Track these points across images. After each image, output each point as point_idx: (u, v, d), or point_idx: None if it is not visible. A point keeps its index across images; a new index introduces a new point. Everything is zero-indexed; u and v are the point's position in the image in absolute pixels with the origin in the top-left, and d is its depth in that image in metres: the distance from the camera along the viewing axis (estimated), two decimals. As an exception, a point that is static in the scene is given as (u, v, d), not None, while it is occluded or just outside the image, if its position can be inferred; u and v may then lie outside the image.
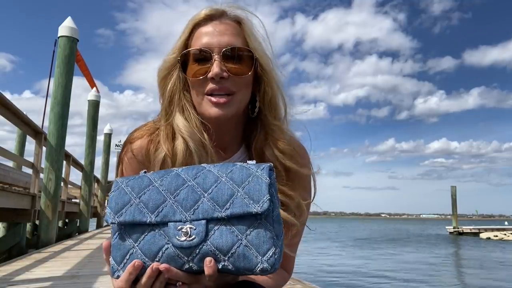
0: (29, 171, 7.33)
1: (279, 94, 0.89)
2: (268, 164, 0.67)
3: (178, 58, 0.84)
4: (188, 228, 0.62)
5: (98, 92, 11.85)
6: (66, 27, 7.29)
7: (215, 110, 0.81)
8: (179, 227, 0.62)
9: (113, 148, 16.43)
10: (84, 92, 11.92)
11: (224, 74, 0.80)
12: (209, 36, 0.83)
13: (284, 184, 0.85)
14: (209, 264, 0.61)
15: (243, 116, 0.89)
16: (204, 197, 0.64)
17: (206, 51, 0.81)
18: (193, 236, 0.61)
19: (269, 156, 0.87)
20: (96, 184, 13.87)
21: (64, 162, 7.94)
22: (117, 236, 0.66)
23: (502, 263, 12.76)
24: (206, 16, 0.85)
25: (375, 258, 13.91)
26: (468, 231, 30.11)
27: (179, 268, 0.62)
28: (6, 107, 5.44)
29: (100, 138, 15.45)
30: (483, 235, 27.58)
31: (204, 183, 0.65)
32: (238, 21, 0.87)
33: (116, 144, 17.11)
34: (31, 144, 7.08)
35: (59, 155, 6.99)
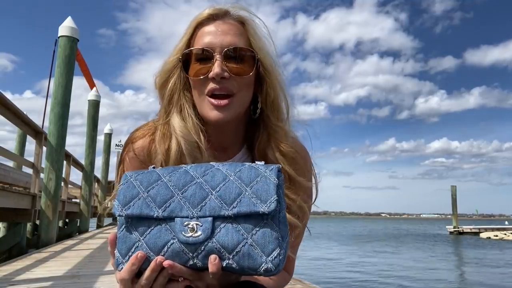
0: (29, 171, 7.33)
1: (282, 95, 0.88)
2: (277, 166, 0.67)
3: (180, 58, 0.84)
4: (194, 224, 0.62)
5: (97, 92, 11.84)
6: (66, 27, 7.29)
7: (215, 113, 0.81)
8: (185, 223, 0.63)
9: (113, 148, 16.42)
10: (84, 92, 11.94)
11: (225, 74, 0.80)
12: (211, 36, 0.82)
13: (287, 187, 0.84)
14: (213, 262, 0.61)
15: (244, 116, 0.89)
16: (212, 194, 0.64)
17: (208, 51, 0.81)
18: (199, 233, 0.62)
19: (271, 158, 0.87)
20: (96, 184, 13.87)
21: (65, 162, 7.94)
22: (123, 228, 0.66)
23: (502, 263, 12.76)
24: (209, 16, 0.85)
25: (374, 258, 13.91)
26: (468, 230, 30.10)
27: (184, 264, 0.63)
28: (6, 107, 5.44)
29: (101, 138, 15.48)
30: (483, 235, 27.56)
31: (213, 181, 0.66)
32: (241, 21, 0.86)
33: (116, 144, 17.07)
34: (31, 144, 7.08)
35: (60, 155, 7.00)
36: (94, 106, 11.61)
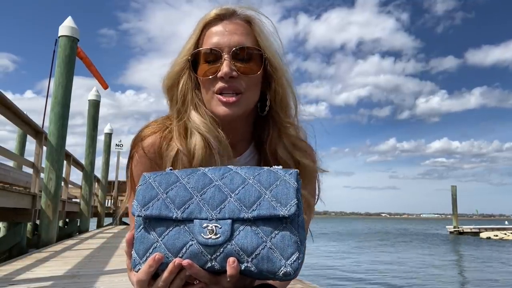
0: (29, 170, 7.33)
1: (290, 92, 0.90)
2: (296, 170, 0.68)
3: (189, 58, 0.85)
4: (213, 227, 0.62)
5: (98, 92, 11.82)
6: (66, 26, 7.29)
7: (224, 109, 0.82)
8: (204, 225, 0.63)
9: (113, 148, 16.42)
10: (85, 92, 11.93)
11: (234, 74, 0.81)
12: (219, 36, 0.84)
13: None
14: (232, 264, 0.61)
15: (252, 114, 0.90)
16: (231, 197, 0.65)
17: (216, 51, 0.83)
18: (218, 235, 0.62)
19: (282, 154, 0.88)
20: (96, 183, 13.87)
21: (65, 162, 7.94)
22: (141, 229, 0.66)
23: (502, 263, 12.76)
24: (216, 16, 0.86)
25: (375, 257, 13.91)
26: (468, 230, 30.08)
27: (202, 266, 0.62)
28: (6, 107, 5.45)
29: (101, 138, 15.48)
30: (483, 235, 27.55)
31: (231, 184, 0.66)
32: (248, 20, 0.87)
33: (116, 144, 17.07)
34: (31, 144, 7.08)
35: (60, 155, 7.00)
36: (94, 106, 11.61)
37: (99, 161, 13.78)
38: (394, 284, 8.41)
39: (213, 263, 0.62)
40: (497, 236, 26.45)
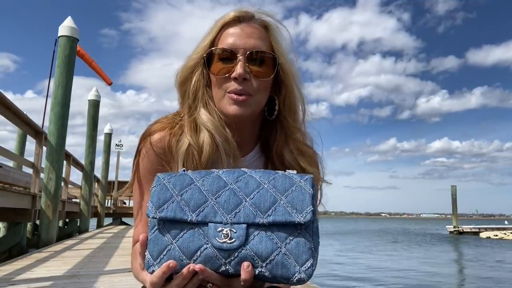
0: (29, 170, 7.33)
1: (300, 98, 0.91)
2: (311, 176, 0.68)
3: (204, 55, 0.87)
4: (228, 231, 0.62)
5: (97, 92, 11.82)
6: (66, 26, 7.29)
7: (234, 108, 0.83)
8: (219, 229, 0.63)
9: (113, 148, 16.41)
10: (86, 92, 11.91)
11: (247, 76, 0.83)
12: (236, 37, 0.85)
13: None
14: (246, 269, 0.61)
15: (259, 117, 0.92)
16: (246, 201, 0.65)
17: (231, 51, 0.84)
18: (233, 239, 0.62)
19: (288, 158, 0.89)
20: (96, 184, 13.86)
21: (65, 162, 7.94)
22: (155, 231, 0.66)
23: (502, 262, 12.77)
24: (235, 18, 0.88)
25: (375, 257, 13.92)
26: (468, 230, 30.09)
27: (215, 269, 0.63)
28: (6, 107, 5.44)
29: (101, 138, 15.46)
30: (483, 235, 27.56)
31: (246, 188, 0.66)
32: (266, 26, 0.89)
33: (116, 144, 17.05)
34: (31, 144, 7.08)
35: (60, 155, 6.99)
36: (94, 106, 11.60)
37: (99, 161, 13.80)
38: (394, 283, 8.41)
39: (227, 267, 0.62)
40: (497, 236, 26.46)
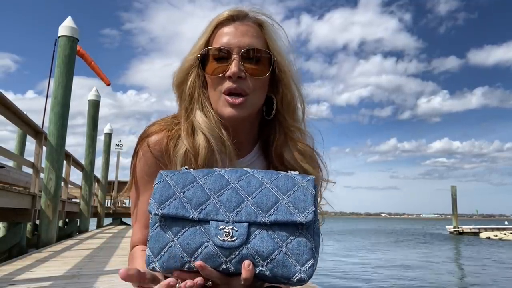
0: (29, 170, 7.33)
1: (298, 96, 0.91)
2: (313, 177, 0.68)
3: (198, 55, 0.86)
4: (230, 229, 0.63)
5: (97, 92, 11.83)
6: (66, 26, 7.29)
7: (230, 110, 0.83)
8: (220, 227, 0.63)
9: (113, 148, 16.41)
10: (86, 92, 11.90)
11: (242, 74, 0.82)
12: (230, 36, 0.85)
13: None
14: (247, 268, 0.61)
15: (258, 116, 0.91)
16: (248, 200, 0.65)
17: (226, 50, 0.84)
18: (234, 238, 0.62)
19: (288, 158, 0.88)
20: (96, 184, 13.86)
21: (65, 162, 7.94)
22: (156, 227, 0.66)
23: (501, 262, 12.77)
24: (229, 17, 0.87)
25: (375, 257, 13.92)
26: (468, 230, 30.08)
27: (216, 267, 0.63)
28: (6, 107, 5.44)
29: (101, 138, 15.46)
30: (483, 235, 27.55)
31: (249, 187, 0.66)
32: (260, 23, 0.89)
33: (116, 144, 17.05)
34: (31, 144, 7.08)
35: (60, 155, 6.99)
36: (94, 106, 11.60)
37: (99, 161, 13.80)
38: (394, 283, 8.41)
39: (227, 265, 0.62)
40: (496, 236, 26.46)
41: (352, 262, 12.40)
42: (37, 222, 6.85)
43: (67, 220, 11.07)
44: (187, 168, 0.74)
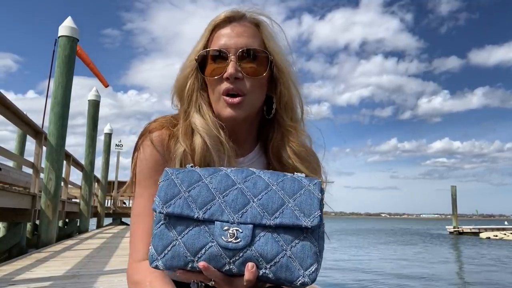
0: (29, 171, 7.33)
1: (296, 96, 0.90)
2: (319, 180, 0.68)
3: (196, 58, 0.87)
4: (234, 230, 0.62)
5: (97, 92, 11.83)
6: (66, 26, 7.29)
7: (229, 111, 0.83)
8: (225, 228, 0.63)
9: (113, 148, 16.41)
10: (87, 92, 11.89)
11: (239, 75, 0.83)
12: (227, 38, 0.85)
13: None
14: (251, 269, 0.61)
15: (258, 116, 0.91)
16: (253, 202, 0.64)
17: (222, 52, 0.84)
18: (239, 239, 0.62)
19: (285, 157, 0.88)
20: (96, 184, 13.86)
21: (64, 162, 7.93)
22: (160, 225, 0.66)
23: (501, 262, 12.77)
24: (225, 18, 0.88)
25: (375, 256, 13.92)
26: (468, 230, 30.08)
27: (219, 268, 0.63)
28: (6, 107, 5.44)
29: (101, 138, 15.46)
30: (483, 235, 27.54)
31: (254, 188, 0.66)
32: (257, 23, 0.89)
33: (116, 144, 17.06)
34: (31, 144, 7.08)
35: (59, 155, 6.99)
36: (94, 106, 11.60)
37: (99, 161, 13.80)
38: (394, 283, 8.41)
39: (231, 267, 0.62)
40: (496, 236, 26.45)
41: (352, 262, 12.39)
42: (37, 222, 6.85)
43: (67, 220, 11.06)
44: (192, 166, 0.73)
